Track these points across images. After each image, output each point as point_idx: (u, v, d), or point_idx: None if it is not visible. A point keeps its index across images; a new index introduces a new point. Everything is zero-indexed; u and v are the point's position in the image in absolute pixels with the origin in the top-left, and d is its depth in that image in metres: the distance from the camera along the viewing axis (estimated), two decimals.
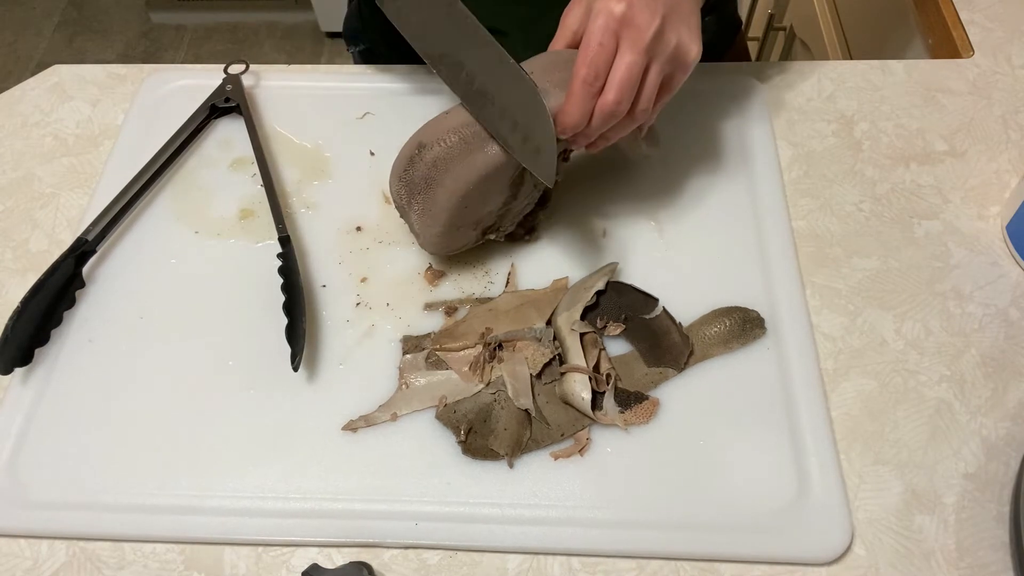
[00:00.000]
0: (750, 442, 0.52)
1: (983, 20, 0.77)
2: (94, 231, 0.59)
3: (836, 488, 0.50)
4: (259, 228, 0.62)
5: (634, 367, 0.55)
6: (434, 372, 0.55)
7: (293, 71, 0.73)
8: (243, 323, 0.57)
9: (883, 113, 0.70)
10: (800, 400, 0.53)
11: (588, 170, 0.62)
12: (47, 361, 0.56)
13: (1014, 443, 0.52)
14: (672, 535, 0.48)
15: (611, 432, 0.52)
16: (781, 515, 0.49)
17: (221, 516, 0.49)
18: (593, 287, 0.57)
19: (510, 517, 0.49)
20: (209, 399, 0.54)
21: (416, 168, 0.54)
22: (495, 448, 0.51)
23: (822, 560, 0.48)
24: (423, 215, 0.55)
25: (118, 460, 0.52)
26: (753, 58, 1.37)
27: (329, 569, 0.46)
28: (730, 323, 0.56)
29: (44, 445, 0.52)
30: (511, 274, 0.60)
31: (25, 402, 0.54)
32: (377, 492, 0.50)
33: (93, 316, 0.58)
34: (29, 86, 0.73)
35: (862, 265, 0.61)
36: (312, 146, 0.68)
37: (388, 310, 0.58)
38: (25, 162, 0.68)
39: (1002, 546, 0.49)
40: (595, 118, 0.49)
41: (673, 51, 0.50)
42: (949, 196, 0.65)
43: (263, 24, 2.17)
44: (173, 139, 0.66)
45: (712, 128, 0.68)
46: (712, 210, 0.63)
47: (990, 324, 0.58)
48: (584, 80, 0.49)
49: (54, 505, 0.50)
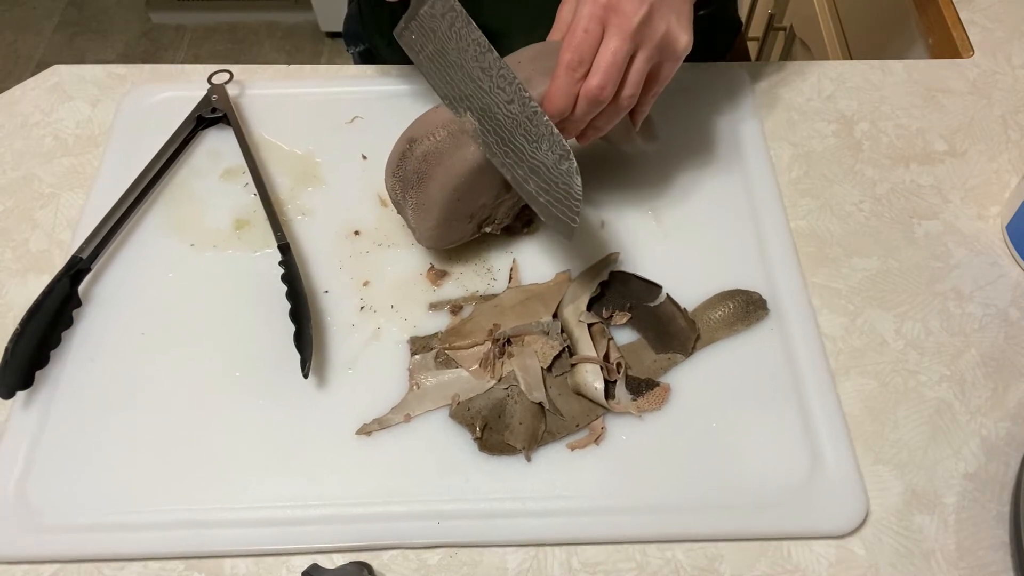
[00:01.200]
0: (761, 421, 0.53)
1: (983, 20, 0.77)
2: (88, 249, 0.58)
3: (849, 460, 0.51)
4: (255, 237, 0.62)
5: (643, 354, 0.55)
6: (444, 371, 0.55)
7: (277, 78, 0.72)
8: (247, 333, 0.57)
9: (883, 113, 0.70)
10: (807, 377, 0.54)
11: (582, 163, 0.61)
12: (48, 383, 0.55)
13: (1014, 443, 0.52)
14: (692, 517, 0.49)
15: (625, 420, 0.53)
16: (797, 490, 0.50)
17: (242, 528, 0.49)
18: (597, 278, 0.57)
19: (531, 510, 0.49)
20: (219, 411, 0.53)
21: (408, 163, 0.54)
22: (512, 443, 0.51)
23: (841, 532, 0.49)
24: (417, 209, 0.55)
25: (130, 479, 0.51)
26: (753, 58, 1.38)
27: (329, 569, 0.46)
28: (733, 306, 0.57)
29: (52, 468, 0.51)
30: (513, 269, 0.60)
31: (29, 426, 0.53)
32: (396, 494, 0.50)
33: (93, 335, 0.57)
34: (29, 86, 0.73)
35: (862, 265, 0.61)
36: (303, 152, 0.67)
37: (393, 312, 0.58)
38: (25, 162, 0.68)
39: (1002, 546, 0.49)
40: (579, 103, 0.49)
41: (661, 39, 0.49)
42: (949, 196, 0.65)
43: (263, 24, 2.17)
44: (161, 152, 0.65)
45: (703, 120, 0.68)
46: (707, 197, 0.64)
47: (990, 324, 0.58)
48: (567, 65, 0.48)
49: (68, 528, 0.49)
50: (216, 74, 0.70)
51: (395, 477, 0.51)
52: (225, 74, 0.70)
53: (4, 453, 0.52)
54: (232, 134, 0.67)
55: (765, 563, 0.48)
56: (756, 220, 0.62)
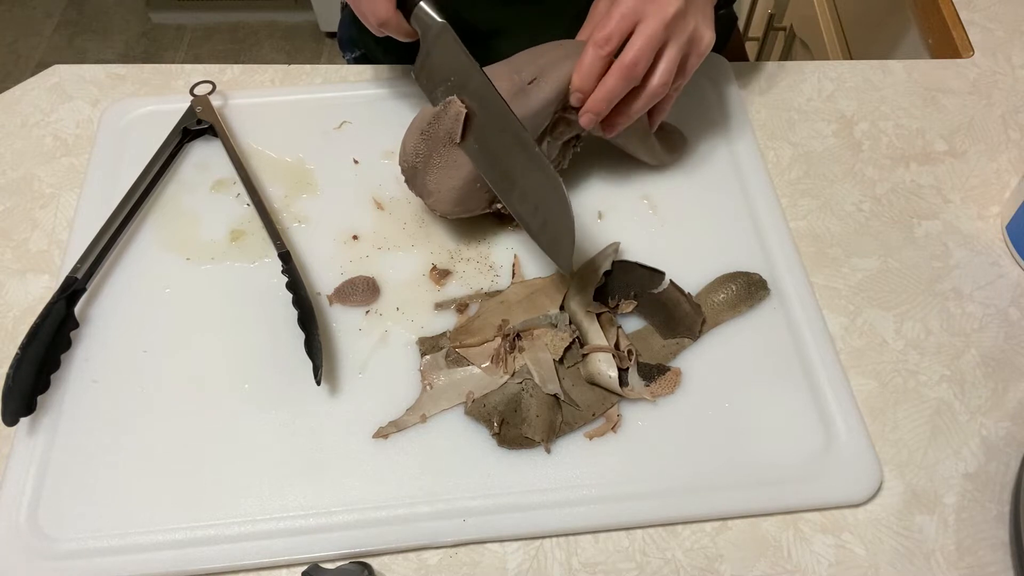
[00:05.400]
0: (773, 397, 0.54)
1: (983, 20, 0.77)
2: (81, 269, 0.57)
3: (859, 430, 0.52)
4: (253, 248, 0.61)
5: (651, 341, 0.56)
6: (455, 369, 0.55)
7: (261, 87, 0.72)
8: (252, 345, 0.56)
9: (883, 113, 0.70)
10: (812, 352, 0.56)
11: (575, 157, 0.62)
12: (52, 408, 0.53)
13: (1014, 443, 0.52)
14: (714, 496, 0.50)
15: (639, 406, 0.53)
16: (812, 464, 0.51)
17: (267, 540, 0.49)
18: (600, 268, 0.57)
19: (555, 501, 0.50)
20: (231, 424, 0.53)
21: (441, 122, 0.55)
22: (530, 436, 0.52)
23: (857, 500, 0.50)
24: (443, 168, 0.56)
25: (144, 499, 0.50)
26: (753, 58, 1.38)
27: (329, 569, 0.46)
28: (735, 288, 0.58)
29: (63, 494, 0.50)
30: (515, 265, 0.60)
31: (36, 452, 0.52)
32: (419, 495, 0.50)
33: (94, 356, 0.56)
34: (29, 86, 0.73)
35: (862, 265, 0.61)
36: (293, 160, 0.67)
37: (399, 314, 0.58)
38: (25, 162, 0.68)
39: (1002, 546, 0.49)
40: (611, 77, 0.51)
41: (691, 34, 0.52)
42: (949, 196, 0.65)
43: (263, 24, 2.17)
44: (149, 167, 0.63)
45: (689, 108, 0.69)
46: (699, 184, 0.65)
47: (990, 324, 0.58)
48: (596, 42, 0.51)
49: (84, 553, 0.48)
50: (198, 85, 0.69)
51: (416, 478, 0.51)
52: (207, 85, 0.69)
53: (13, 481, 0.51)
54: (219, 145, 0.66)
55: (765, 563, 0.48)
56: (749, 202, 0.64)
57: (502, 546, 0.49)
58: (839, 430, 0.52)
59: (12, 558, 0.48)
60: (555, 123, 0.57)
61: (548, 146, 0.58)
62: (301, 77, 0.73)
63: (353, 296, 0.58)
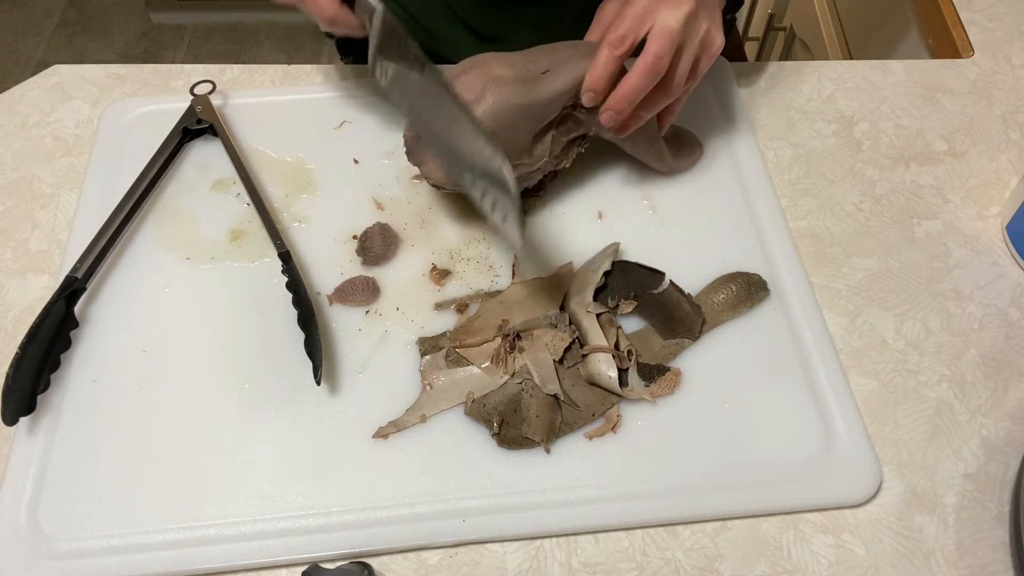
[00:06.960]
0: (772, 398, 0.54)
1: (983, 20, 0.77)
2: (81, 268, 0.57)
3: (859, 431, 0.52)
4: (252, 247, 0.61)
5: (651, 341, 0.56)
6: (455, 370, 0.55)
7: (261, 87, 0.72)
8: (252, 344, 0.56)
9: (883, 113, 0.70)
10: (812, 352, 0.56)
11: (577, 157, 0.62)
12: (51, 407, 0.53)
13: (1014, 443, 0.52)
14: (714, 496, 0.50)
15: (639, 407, 0.53)
16: (812, 464, 0.51)
17: (267, 540, 0.49)
18: (600, 268, 0.57)
19: (555, 501, 0.50)
20: (232, 424, 0.53)
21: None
22: (530, 436, 0.52)
23: (857, 501, 0.50)
24: None
25: (144, 498, 0.50)
26: (753, 58, 1.38)
27: (329, 569, 0.46)
28: (735, 288, 0.58)
29: (63, 494, 0.50)
30: (516, 265, 0.60)
31: (36, 452, 0.52)
32: (419, 495, 0.50)
33: (93, 355, 0.56)
34: (29, 86, 0.73)
35: (862, 265, 0.61)
36: (293, 160, 0.67)
37: (399, 314, 0.58)
38: (25, 162, 0.68)
39: (1002, 546, 0.49)
40: (635, 74, 0.51)
41: (703, 36, 0.53)
42: (949, 196, 0.65)
43: (263, 24, 2.17)
44: (149, 167, 0.63)
45: (689, 108, 0.68)
46: (699, 185, 0.65)
47: (990, 324, 0.58)
48: (611, 43, 0.50)
49: (84, 553, 0.48)
50: (198, 85, 0.69)
51: (416, 478, 0.51)
52: (207, 85, 0.69)
53: (12, 481, 0.51)
54: (219, 145, 0.66)
55: (765, 563, 0.48)
56: (749, 203, 0.64)
57: (502, 546, 0.49)
58: (839, 430, 0.52)
59: (12, 558, 0.48)
60: (563, 118, 0.57)
61: (553, 140, 0.58)
62: (301, 77, 0.73)
63: (353, 296, 0.58)
